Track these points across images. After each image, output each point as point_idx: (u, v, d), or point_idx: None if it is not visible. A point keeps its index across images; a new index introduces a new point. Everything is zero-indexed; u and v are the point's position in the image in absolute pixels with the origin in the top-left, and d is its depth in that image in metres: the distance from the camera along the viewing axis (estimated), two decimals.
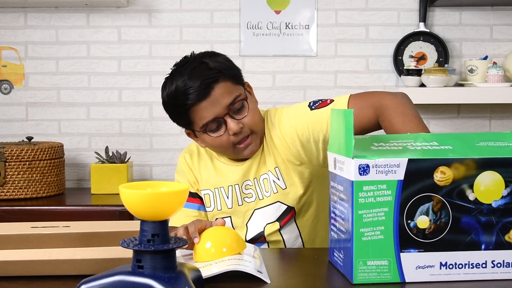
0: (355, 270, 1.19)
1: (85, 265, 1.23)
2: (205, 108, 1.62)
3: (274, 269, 1.33)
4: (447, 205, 1.21)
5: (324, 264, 1.36)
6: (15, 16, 2.69)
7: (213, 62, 1.65)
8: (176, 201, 1.06)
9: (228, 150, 1.68)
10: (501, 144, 1.30)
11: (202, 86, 1.61)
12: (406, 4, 2.71)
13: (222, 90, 1.63)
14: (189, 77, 1.62)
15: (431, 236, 1.21)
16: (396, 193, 1.19)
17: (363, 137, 1.32)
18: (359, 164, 1.18)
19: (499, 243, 1.23)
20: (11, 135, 2.73)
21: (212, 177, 1.74)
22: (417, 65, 2.62)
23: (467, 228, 1.22)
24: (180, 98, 1.62)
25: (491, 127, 2.75)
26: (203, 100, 1.61)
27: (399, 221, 1.20)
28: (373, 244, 1.19)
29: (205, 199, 1.74)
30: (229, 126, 1.63)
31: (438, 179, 1.20)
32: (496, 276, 1.22)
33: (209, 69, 1.63)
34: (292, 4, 2.70)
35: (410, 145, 1.29)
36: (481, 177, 1.22)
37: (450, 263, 1.22)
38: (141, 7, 2.70)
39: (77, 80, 2.72)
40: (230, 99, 1.63)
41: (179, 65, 1.68)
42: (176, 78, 1.65)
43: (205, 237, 1.33)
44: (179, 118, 1.69)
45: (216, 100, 1.62)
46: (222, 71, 1.64)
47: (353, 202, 1.18)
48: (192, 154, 1.79)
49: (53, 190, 2.45)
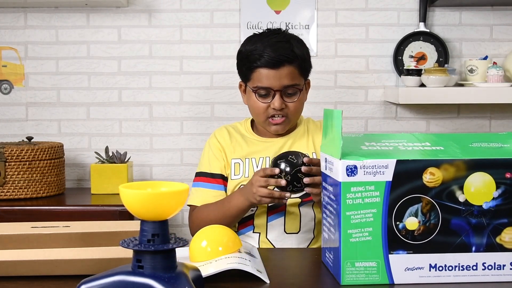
0: (343, 271, 1.19)
1: (85, 265, 1.23)
2: (267, 75, 1.82)
3: (273, 269, 1.33)
4: (436, 207, 1.20)
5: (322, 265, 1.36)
6: (15, 16, 2.69)
7: (297, 48, 1.86)
8: (176, 201, 1.06)
9: (259, 117, 1.88)
10: (495, 145, 1.29)
11: (276, 58, 1.81)
12: (406, 4, 2.71)
13: (288, 72, 1.83)
14: (272, 45, 1.82)
15: (420, 238, 1.20)
16: (384, 194, 1.19)
17: (356, 136, 1.31)
18: (347, 165, 1.18)
19: (490, 245, 1.22)
20: (11, 135, 2.73)
21: (244, 149, 1.91)
22: (417, 65, 2.62)
23: (457, 230, 1.21)
24: (255, 55, 1.83)
25: (491, 127, 2.75)
26: (270, 69, 1.82)
27: (387, 223, 1.19)
28: (361, 245, 1.19)
29: (235, 168, 1.88)
30: (275, 101, 1.83)
31: (427, 180, 1.20)
32: (487, 279, 1.21)
33: (291, 50, 1.83)
34: (292, 4, 2.70)
35: (402, 145, 1.28)
36: (471, 178, 1.21)
37: (439, 265, 1.21)
38: (141, 7, 2.69)
39: (77, 80, 2.72)
40: (289, 82, 1.83)
41: (271, 32, 1.90)
42: (262, 40, 1.85)
43: (201, 236, 1.33)
44: (242, 69, 1.90)
45: (279, 76, 1.82)
46: (299, 58, 1.84)
47: (340, 203, 1.18)
48: (222, 134, 1.95)
49: (53, 190, 2.45)
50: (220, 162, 1.90)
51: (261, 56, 1.82)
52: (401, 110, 2.74)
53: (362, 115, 2.73)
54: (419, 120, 2.74)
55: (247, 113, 1.98)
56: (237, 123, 2.00)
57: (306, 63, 1.89)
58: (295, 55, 1.83)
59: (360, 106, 2.73)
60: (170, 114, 2.72)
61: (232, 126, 1.99)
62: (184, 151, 2.73)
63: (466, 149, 1.26)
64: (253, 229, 1.84)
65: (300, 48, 1.87)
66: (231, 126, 1.99)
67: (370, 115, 2.73)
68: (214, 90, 2.72)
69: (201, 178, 1.91)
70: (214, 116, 2.72)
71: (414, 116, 2.74)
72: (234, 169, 1.88)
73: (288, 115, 1.86)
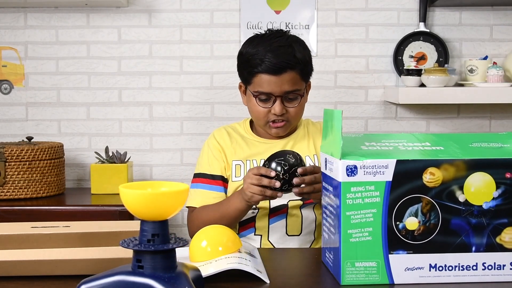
0: (343, 271, 1.19)
1: (85, 265, 1.23)
2: (268, 81, 1.80)
3: (273, 269, 1.33)
4: (436, 207, 1.20)
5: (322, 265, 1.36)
6: (15, 16, 2.69)
7: (299, 52, 1.83)
8: (176, 201, 1.06)
9: (260, 120, 1.86)
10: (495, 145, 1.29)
11: (278, 65, 1.78)
12: (406, 4, 2.71)
13: (290, 78, 1.80)
14: (274, 50, 1.79)
15: (420, 238, 1.20)
16: (384, 194, 1.18)
17: (356, 136, 1.31)
18: (347, 165, 1.18)
19: (490, 245, 1.22)
20: (11, 135, 2.73)
21: (245, 151, 1.89)
22: (417, 65, 2.62)
23: (457, 230, 1.21)
24: (256, 60, 1.80)
25: (491, 127, 2.75)
26: (271, 75, 1.79)
27: (387, 223, 1.19)
28: (361, 245, 1.19)
29: (235, 169, 1.87)
30: (275, 106, 1.81)
31: (427, 180, 1.20)
32: (487, 279, 1.21)
33: (293, 56, 1.80)
34: (292, 4, 2.70)
35: (402, 145, 1.28)
36: (471, 178, 1.21)
37: (439, 265, 1.21)
38: (141, 7, 2.69)
39: (77, 80, 2.72)
40: (290, 88, 1.81)
41: (273, 34, 1.86)
42: (263, 43, 1.82)
43: (201, 236, 1.33)
44: (243, 72, 1.87)
45: (280, 82, 1.79)
46: (300, 63, 1.82)
47: (340, 203, 1.18)
48: (222, 135, 1.93)
49: (53, 190, 2.45)
50: (220, 164, 1.88)
51: (262, 61, 1.79)
52: (401, 110, 2.74)
53: (362, 115, 2.73)
54: (419, 120, 2.74)
55: (247, 113, 1.98)
56: (235, 124, 1.99)
57: (307, 67, 1.87)
58: (297, 61, 1.81)
59: (360, 106, 2.73)
60: (170, 114, 2.72)
61: (231, 127, 1.97)
62: (184, 151, 2.73)
63: (466, 149, 1.26)
64: (254, 231, 1.83)
65: (302, 52, 1.84)
66: (230, 127, 1.98)
67: (370, 115, 2.73)
68: (214, 90, 2.72)
69: (201, 179, 1.89)
70: (214, 116, 2.71)
71: (414, 116, 2.74)
72: (235, 171, 1.87)
73: (289, 119, 1.85)
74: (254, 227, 1.83)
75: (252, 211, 1.80)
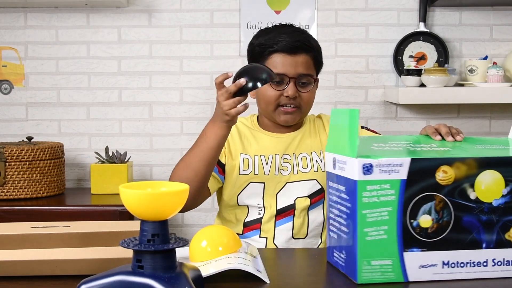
0: (359, 270, 1.19)
1: (85, 265, 1.23)
2: (283, 61, 1.76)
3: (273, 269, 1.33)
4: (449, 204, 1.21)
5: (323, 265, 1.36)
6: (15, 16, 2.69)
7: (313, 40, 1.82)
8: (176, 201, 1.06)
9: (269, 106, 1.80)
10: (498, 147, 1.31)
11: (295, 43, 1.75)
12: (406, 4, 2.71)
13: (304, 60, 1.78)
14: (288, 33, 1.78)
15: (434, 235, 1.21)
16: (399, 192, 1.19)
17: (362, 137, 1.32)
18: (363, 163, 1.18)
19: (500, 241, 1.23)
20: (11, 135, 2.73)
21: (253, 145, 1.84)
22: (417, 65, 2.62)
23: (468, 227, 1.22)
24: (270, 42, 1.77)
25: (491, 127, 2.75)
26: (286, 54, 1.76)
27: (402, 221, 1.20)
28: (377, 243, 1.19)
29: (243, 163, 1.82)
30: (289, 89, 1.76)
31: (440, 178, 1.21)
32: (496, 274, 1.23)
33: (308, 40, 1.80)
34: (292, 4, 2.70)
35: (410, 146, 1.30)
36: (481, 176, 1.22)
37: (452, 262, 1.22)
38: (141, 7, 2.70)
39: (77, 80, 2.72)
40: (305, 71, 1.78)
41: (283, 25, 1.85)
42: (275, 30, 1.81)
43: (200, 236, 1.33)
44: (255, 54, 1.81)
45: (295, 63, 1.76)
46: (314, 50, 1.80)
47: (356, 201, 1.18)
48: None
49: (53, 190, 2.45)
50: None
51: (277, 41, 1.76)
52: (401, 110, 2.74)
53: (362, 115, 2.73)
54: (419, 120, 2.74)
55: (247, 113, 1.98)
56: (242, 119, 1.93)
57: (319, 57, 1.85)
58: (312, 46, 1.80)
59: (360, 106, 2.73)
60: (170, 114, 2.72)
61: (239, 121, 1.91)
62: (184, 151, 2.72)
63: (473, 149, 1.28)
64: (259, 233, 1.81)
65: (315, 42, 1.84)
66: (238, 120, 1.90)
67: (370, 115, 2.73)
68: (214, 90, 2.70)
69: None
70: None
71: (414, 116, 2.74)
72: (242, 164, 1.82)
73: (301, 106, 1.80)
74: (259, 229, 1.81)
75: (258, 212, 1.79)
